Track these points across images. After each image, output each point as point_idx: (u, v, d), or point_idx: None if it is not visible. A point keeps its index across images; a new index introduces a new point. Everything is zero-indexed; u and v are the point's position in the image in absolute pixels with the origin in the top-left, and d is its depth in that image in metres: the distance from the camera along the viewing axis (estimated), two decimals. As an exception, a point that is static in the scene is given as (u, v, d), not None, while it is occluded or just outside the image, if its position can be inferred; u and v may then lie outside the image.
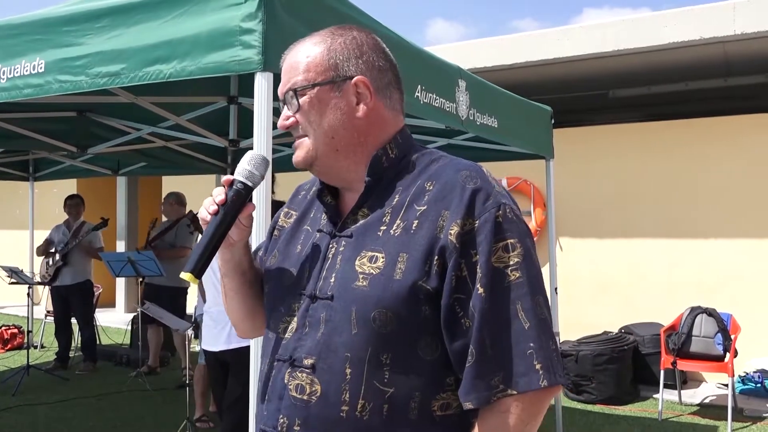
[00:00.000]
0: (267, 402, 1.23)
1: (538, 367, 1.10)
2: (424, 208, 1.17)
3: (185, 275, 1.20)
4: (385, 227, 1.19)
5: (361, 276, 1.16)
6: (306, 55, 1.24)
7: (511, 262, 1.12)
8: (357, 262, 1.17)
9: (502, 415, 1.11)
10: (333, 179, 1.27)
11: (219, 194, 1.23)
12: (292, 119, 1.24)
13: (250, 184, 1.25)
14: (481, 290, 1.11)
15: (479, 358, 1.11)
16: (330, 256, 1.22)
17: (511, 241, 1.13)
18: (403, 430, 1.15)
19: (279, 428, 1.20)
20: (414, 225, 1.16)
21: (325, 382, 1.16)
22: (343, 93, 1.22)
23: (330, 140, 1.22)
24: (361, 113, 1.23)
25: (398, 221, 1.18)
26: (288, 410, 1.19)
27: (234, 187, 1.24)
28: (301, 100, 1.22)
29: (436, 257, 1.13)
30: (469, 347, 1.11)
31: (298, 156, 1.25)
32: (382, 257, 1.15)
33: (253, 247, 1.47)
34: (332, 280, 1.19)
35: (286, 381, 1.20)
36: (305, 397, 1.17)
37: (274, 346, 1.25)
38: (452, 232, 1.12)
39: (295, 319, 1.22)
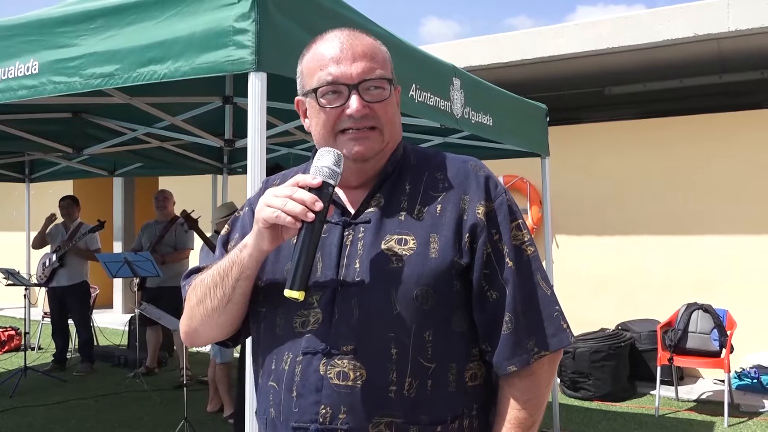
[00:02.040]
0: (298, 398, 1.19)
1: (565, 326, 1.25)
2: (444, 194, 1.25)
3: (295, 293, 1.14)
4: (405, 212, 1.24)
5: (393, 258, 1.19)
6: (381, 50, 1.29)
7: (526, 239, 1.26)
8: (384, 246, 1.20)
9: (532, 377, 1.22)
10: (366, 173, 1.29)
11: (317, 201, 1.14)
12: (367, 107, 1.23)
13: (334, 183, 1.19)
14: (510, 263, 1.22)
15: (516, 326, 1.21)
16: (348, 243, 1.23)
17: (520, 221, 1.27)
18: (445, 403, 1.20)
19: (321, 420, 1.17)
20: (438, 209, 1.23)
21: (370, 365, 1.16)
22: (393, 95, 1.29)
23: (392, 135, 1.29)
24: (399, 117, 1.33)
25: (418, 206, 1.24)
26: (330, 399, 1.17)
27: (326, 191, 1.17)
28: (392, 91, 1.27)
29: (467, 234, 1.21)
30: (505, 315, 1.21)
31: (371, 146, 1.24)
32: (412, 239, 1.21)
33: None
34: (357, 265, 1.20)
35: (323, 372, 1.17)
36: (350, 383, 1.16)
37: (290, 342, 1.21)
38: (480, 211, 1.23)
39: (318, 310, 1.20)
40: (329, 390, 1.17)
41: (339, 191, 1.29)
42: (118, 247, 10.77)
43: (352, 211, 1.27)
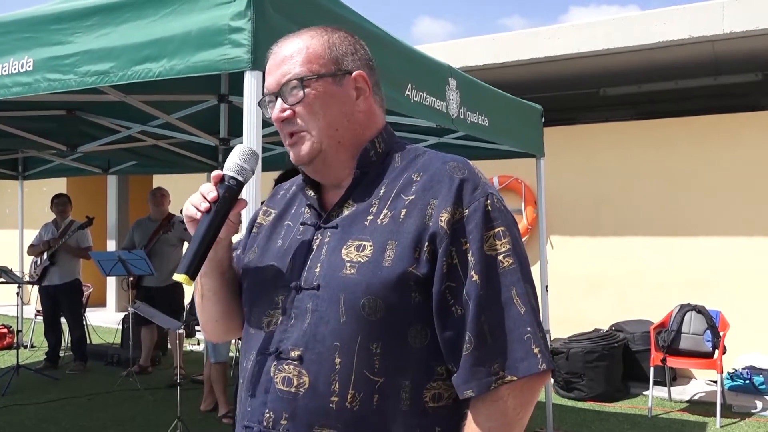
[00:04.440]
0: (251, 398, 1.21)
1: (536, 351, 1.10)
2: (412, 197, 1.17)
3: (180, 277, 1.17)
4: (371, 217, 1.18)
5: (348, 264, 1.15)
6: (306, 46, 1.23)
7: (503, 249, 1.14)
8: (344, 251, 1.17)
9: (498, 403, 1.11)
10: (327, 175, 1.26)
11: (210, 191, 1.20)
12: (289, 111, 1.22)
13: (241, 179, 1.22)
14: (475, 277, 1.12)
15: (478, 345, 1.11)
16: (315, 247, 1.21)
17: (501, 228, 1.15)
18: (395, 421, 1.13)
19: (265, 423, 1.17)
20: (402, 214, 1.16)
21: (313, 373, 1.14)
22: (344, 87, 1.23)
23: (334, 132, 1.22)
24: (362, 107, 1.24)
25: (385, 211, 1.18)
26: (274, 404, 1.17)
27: (225, 183, 1.21)
28: (306, 90, 1.20)
29: (426, 244, 1.13)
30: (465, 335, 1.11)
31: (302, 150, 1.23)
32: (370, 245, 1.15)
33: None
34: (317, 270, 1.18)
35: (272, 374, 1.18)
36: (293, 390, 1.15)
37: (257, 341, 1.23)
38: (443, 218, 1.13)
39: (280, 311, 1.21)
40: (274, 394, 1.17)
41: (313, 190, 1.29)
42: (111, 246, 10.73)
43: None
